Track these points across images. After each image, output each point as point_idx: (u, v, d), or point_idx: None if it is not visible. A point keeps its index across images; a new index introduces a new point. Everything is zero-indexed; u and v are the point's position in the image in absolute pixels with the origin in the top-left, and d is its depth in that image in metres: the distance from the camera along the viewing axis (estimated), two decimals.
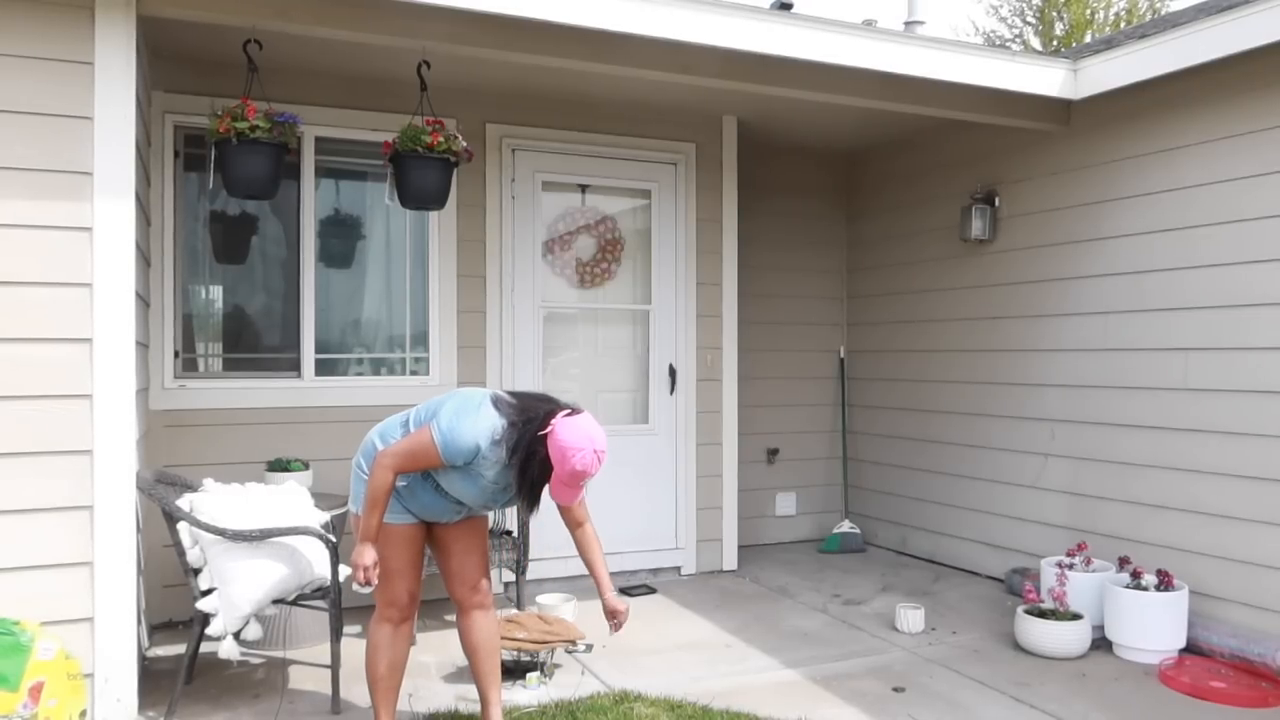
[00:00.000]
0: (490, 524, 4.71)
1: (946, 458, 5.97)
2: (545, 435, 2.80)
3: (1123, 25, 16.03)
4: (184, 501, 3.49)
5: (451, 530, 3.14)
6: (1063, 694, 3.81)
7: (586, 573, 5.37)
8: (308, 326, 4.90)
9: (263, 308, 5.00)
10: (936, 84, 4.69)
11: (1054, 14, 16.94)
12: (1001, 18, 17.79)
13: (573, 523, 3.14)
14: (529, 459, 2.82)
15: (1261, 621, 4.12)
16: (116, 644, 3.31)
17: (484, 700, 3.23)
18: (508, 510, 4.86)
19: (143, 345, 4.13)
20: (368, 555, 2.91)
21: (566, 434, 2.78)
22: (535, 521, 4.98)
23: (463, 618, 3.20)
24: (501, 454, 2.83)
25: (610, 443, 5.65)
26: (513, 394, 2.97)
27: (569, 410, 2.88)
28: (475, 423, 2.81)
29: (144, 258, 4.21)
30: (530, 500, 2.94)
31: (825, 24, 4.38)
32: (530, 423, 2.82)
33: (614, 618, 3.14)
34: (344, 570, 3.70)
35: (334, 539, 3.67)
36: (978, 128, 5.46)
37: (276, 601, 3.55)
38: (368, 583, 2.92)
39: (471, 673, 3.26)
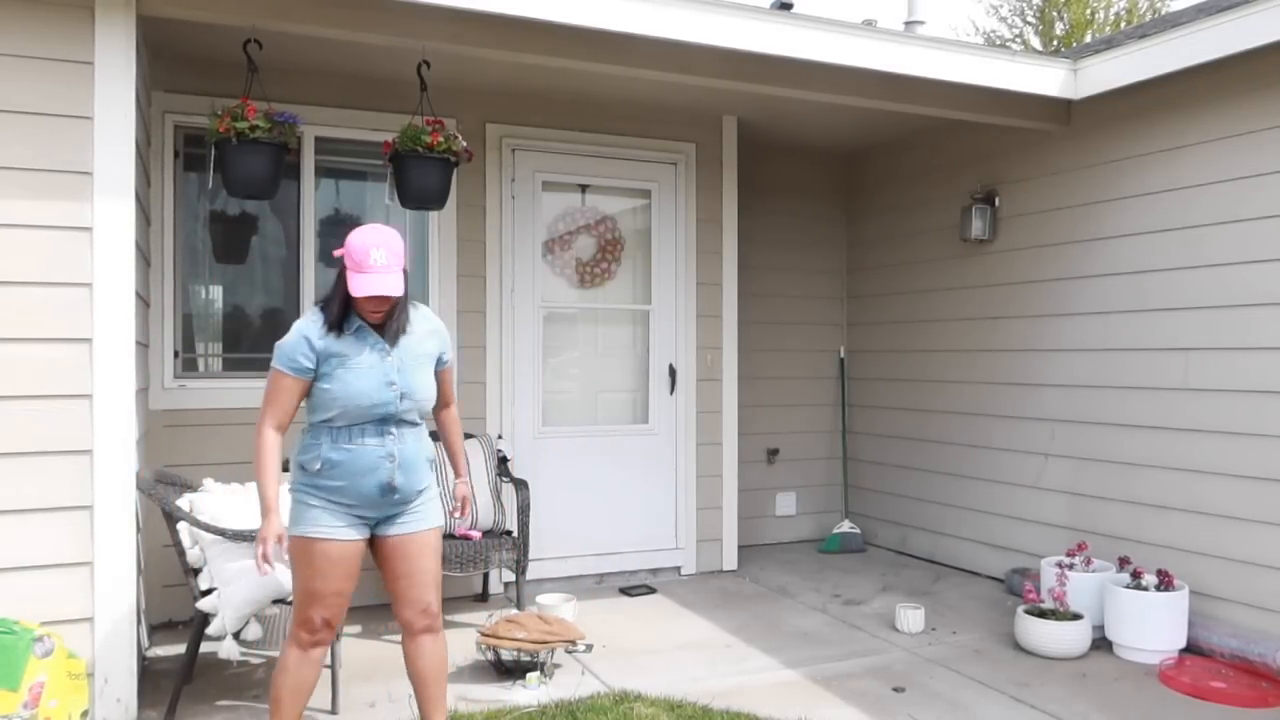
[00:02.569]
0: (491, 524, 4.72)
1: (946, 458, 5.97)
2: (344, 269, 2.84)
3: (1123, 25, 16.03)
4: (184, 501, 3.49)
5: (401, 546, 2.88)
6: (1063, 694, 3.81)
7: (586, 573, 5.47)
8: None
9: (263, 307, 4.99)
10: (937, 84, 4.69)
11: (1054, 14, 16.94)
12: (1001, 18, 17.79)
13: (441, 403, 3.06)
14: (333, 292, 2.86)
15: (1262, 621, 4.12)
16: (116, 644, 3.31)
17: None
18: (508, 510, 4.86)
19: (143, 345, 4.13)
20: (271, 526, 2.75)
21: (350, 241, 2.86)
22: (535, 523, 5.01)
23: (409, 642, 2.94)
24: (321, 319, 2.83)
25: (610, 443, 5.73)
26: None
27: None
28: (295, 324, 2.86)
29: (144, 258, 4.21)
30: (340, 316, 2.83)
31: (825, 24, 4.38)
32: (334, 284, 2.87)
33: (459, 499, 3.11)
34: None
35: None
36: (978, 128, 5.46)
37: (276, 601, 3.55)
38: (266, 560, 2.74)
39: (416, 700, 2.97)
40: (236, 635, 3.46)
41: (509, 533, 4.78)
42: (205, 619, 3.45)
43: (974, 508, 5.78)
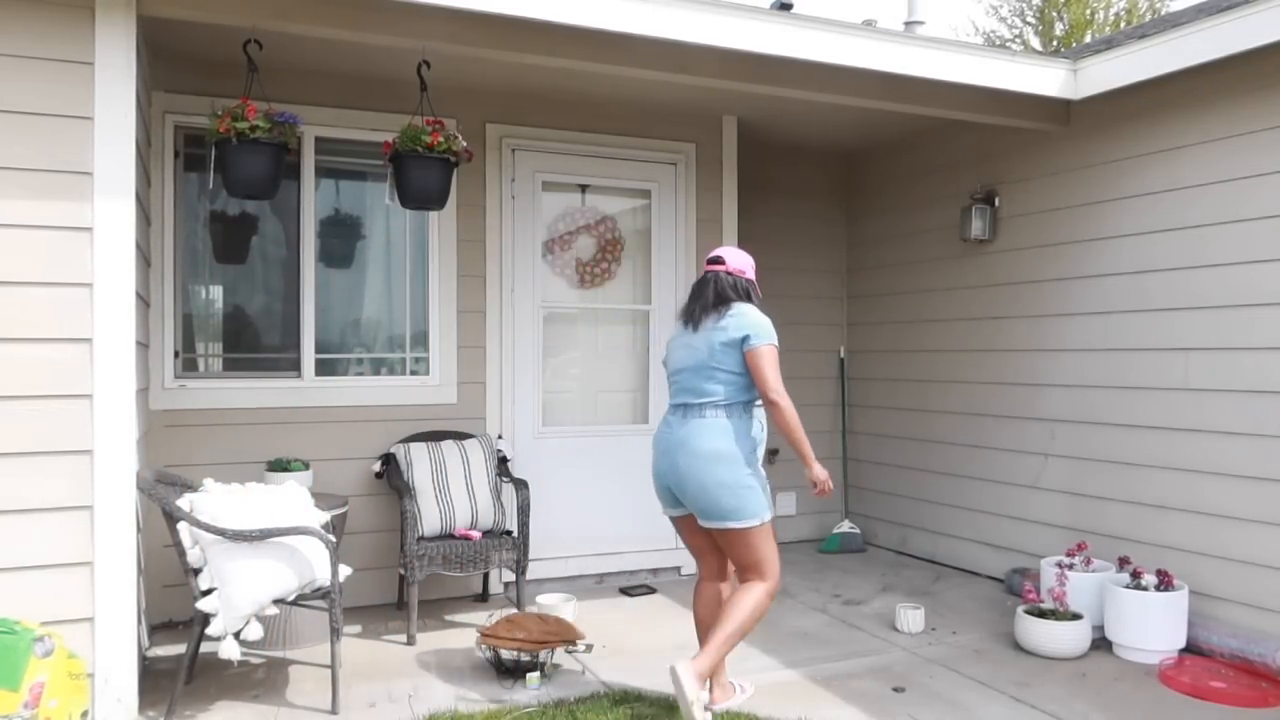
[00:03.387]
0: (491, 524, 4.73)
1: (947, 457, 5.97)
2: (739, 279, 3.60)
3: (1122, 25, 16.03)
4: (184, 501, 3.49)
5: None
6: (1063, 694, 3.81)
7: (586, 573, 5.47)
8: (308, 326, 4.90)
9: (263, 307, 5.00)
10: (936, 84, 4.69)
11: (1054, 14, 16.94)
12: (1001, 18, 17.80)
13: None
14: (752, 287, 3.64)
15: (1261, 621, 4.12)
16: (116, 644, 3.31)
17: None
18: (508, 510, 4.87)
19: (143, 345, 4.13)
20: (822, 470, 3.42)
21: (737, 264, 3.64)
22: (535, 523, 5.01)
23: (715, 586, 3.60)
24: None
25: (610, 443, 5.75)
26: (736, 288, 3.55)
27: (711, 263, 3.65)
28: (758, 310, 3.50)
29: (144, 258, 4.21)
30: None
31: (825, 24, 4.38)
32: (744, 283, 3.60)
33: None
34: (344, 570, 3.71)
35: (334, 539, 3.67)
36: (978, 128, 5.46)
37: (277, 601, 3.55)
38: (824, 493, 3.43)
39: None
40: (237, 635, 3.45)
41: (509, 533, 4.78)
42: (206, 619, 3.45)
43: (974, 508, 5.78)
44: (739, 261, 3.62)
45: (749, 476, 3.32)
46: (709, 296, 3.51)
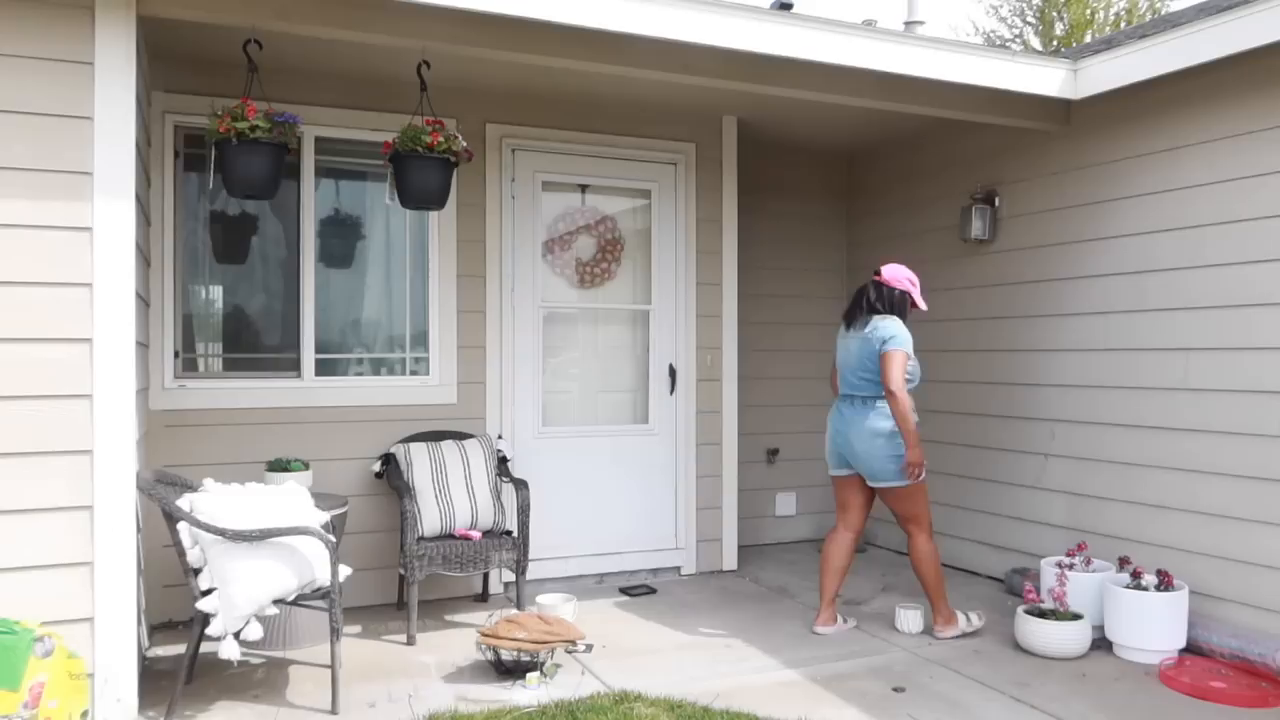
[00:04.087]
0: (491, 524, 4.73)
1: (946, 457, 5.97)
2: (892, 289, 4.49)
3: (1123, 25, 16.03)
4: (184, 501, 3.49)
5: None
6: (1063, 694, 3.81)
7: (586, 573, 5.48)
8: (308, 326, 4.90)
9: (263, 307, 4.99)
10: (936, 84, 4.69)
11: (1054, 14, 16.94)
12: (1001, 18, 17.79)
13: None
14: (906, 307, 4.53)
15: (1262, 621, 4.12)
16: (116, 644, 3.31)
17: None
18: (508, 510, 4.86)
19: (143, 345, 4.13)
20: (918, 453, 4.32)
21: (890, 275, 4.52)
22: (535, 523, 5.01)
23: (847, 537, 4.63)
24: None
25: (610, 443, 5.75)
26: (883, 301, 4.46)
27: (876, 275, 4.53)
28: (898, 325, 4.35)
29: (144, 258, 4.21)
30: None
31: (825, 24, 4.38)
32: (887, 291, 4.47)
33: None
34: (344, 570, 3.71)
35: (334, 539, 3.67)
36: (978, 128, 5.46)
37: (276, 601, 3.55)
38: (916, 477, 4.34)
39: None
40: (237, 635, 3.45)
41: (509, 533, 4.78)
42: (206, 619, 3.45)
43: (974, 508, 5.78)
44: (890, 274, 4.49)
45: (903, 448, 4.30)
46: (861, 303, 4.44)
